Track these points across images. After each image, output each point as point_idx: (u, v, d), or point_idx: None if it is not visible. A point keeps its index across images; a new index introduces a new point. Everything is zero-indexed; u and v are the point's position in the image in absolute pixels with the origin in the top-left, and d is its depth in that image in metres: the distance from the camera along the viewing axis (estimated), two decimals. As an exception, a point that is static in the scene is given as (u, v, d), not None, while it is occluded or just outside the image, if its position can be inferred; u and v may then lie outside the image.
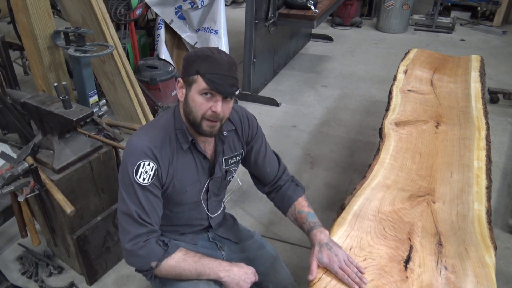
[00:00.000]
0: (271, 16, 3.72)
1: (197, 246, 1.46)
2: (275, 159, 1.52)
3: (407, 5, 5.50)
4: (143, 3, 3.44)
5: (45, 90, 2.55)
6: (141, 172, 1.21)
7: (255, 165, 1.49)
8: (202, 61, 1.16)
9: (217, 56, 1.17)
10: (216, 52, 1.18)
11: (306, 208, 1.43)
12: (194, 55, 1.20)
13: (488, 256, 1.27)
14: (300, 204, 1.45)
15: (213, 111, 1.18)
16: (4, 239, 2.30)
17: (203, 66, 1.16)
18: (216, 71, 1.15)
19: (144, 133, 1.27)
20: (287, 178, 1.52)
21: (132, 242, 1.21)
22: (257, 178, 1.54)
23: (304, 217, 1.41)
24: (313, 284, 1.19)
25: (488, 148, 1.87)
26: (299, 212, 1.43)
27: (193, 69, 1.17)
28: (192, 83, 1.19)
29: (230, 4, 6.97)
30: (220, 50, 1.21)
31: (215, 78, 1.15)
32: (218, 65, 1.16)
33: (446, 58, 2.95)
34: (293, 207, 1.46)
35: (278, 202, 1.51)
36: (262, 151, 1.48)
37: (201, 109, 1.19)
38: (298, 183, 1.53)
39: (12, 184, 1.72)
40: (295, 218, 1.45)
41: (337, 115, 3.66)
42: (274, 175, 1.50)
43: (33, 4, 2.32)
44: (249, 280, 1.30)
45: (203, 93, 1.17)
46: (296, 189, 1.49)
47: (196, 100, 1.19)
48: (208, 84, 1.15)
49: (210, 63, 1.16)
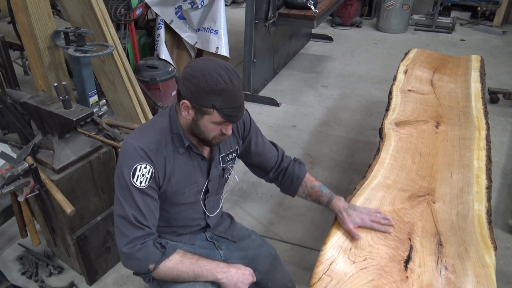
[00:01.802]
0: (271, 16, 3.72)
1: (194, 246, 1.46)
2: (272, 145, 1.57)
3: (407, 5, 5.50)
4: (143, 3, 3.44)
5: (45, 90, 2.55)
6: (138, 175, 1.21)
7: (257, 156, 1.52)
8: (218, 95, 1.13)
9: (231, 87, 1.14)
10: (228, 81, 1.13)
11: (317, 182, 1.53)
12: (206, 86, 1.13)
13: (488, 256, 1.27)
14: (310, 180, 1.53)
15: (224, 133, 1.23)
16: (4, 239, 2.30)
17: (219, 101, 1.14)
18: (232, 104, 1.16)
19: (139, 136, 1.26)
20: (288, 159, 1.58)
21: (129, 245, 1.21)
22: (260, 168, 1.57)
23: (318, 191, 1.50)
24: (313, 284, 1.19)
25: (488, 148, 1.87)
26: (311, 188, 1.51)
27: (208, 102, 1.15)
28: (206, 114, 1.18)
29: (230, 4, 6.97)
30: (228, 71, 1.15)
31: (231, 112, 1.17)
32: (233, 97, 1.16)
33: (446, 58, 2.95)
34: (303, 184, 1.53)
35: (287, 184, 1.55)
36: (260, 141, 1.52)
37: (213, 132, 1.23)
38: (300, 161, 1.58)
39: (12, 184, 1.72)
40: (308, 194, 1.52)
41: (337, 115, 3.66)
42: (276, 159, 1.55)
43: (33, 4, 2.32)
44: (247, 281, 1.30)
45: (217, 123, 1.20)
46: (300, 167, 1.55)
47: (208, 127, 1.21)
48: (225, 118, 1.18)
49: (226, 98, 1.14)
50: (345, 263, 1.25)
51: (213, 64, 1.16)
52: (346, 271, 1.22)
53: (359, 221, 1.38)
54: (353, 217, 1.38)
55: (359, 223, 1.37)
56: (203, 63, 1.17)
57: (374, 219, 1.39)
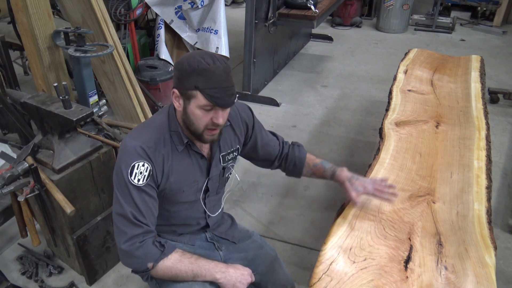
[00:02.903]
0: (271, 16, 3.72)
1: (194, 247, 1.46)
2: (272, 134, 1.61)
3: (407, 5, 5.50)
4: (143, 3, 3.44)
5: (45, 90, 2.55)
6: (135, 173, 1.21)
7: (262, 149, 1.55)
8: (199, 75, 1.13)
9: (213, 68, 1.13)
10: (211, 62, 1.14)
11: (317, 160, 1.58)
12: (188, 67, 1.14)
13: (488, 256, 1.27)
14: (311, 159, 1.59)
15: (215, 122, 1.19)
16: (4, 239, 2.30)
17: (201, 81, 1.13)
18: (215, 85, 1.13)
19: (138, 134, 1.27)
20: (287, 145, 1.63)
21: (128, 243, 1.21)
22: (266, 160, 1.60)
23: (321, 167, 1.55)
24: (313, 284, 1.19)
25: (488, 148, 1.87)
26: (314, 166, 1.57)
27: (190, 83, 1.14)
28: (191, 98, 1.17)
29: (230, 4, 6.97)
30: (213, 56, 1.16)
31: (215, 93, 1.13)
32: (216, 77, 1.13)
33: (446, 58, 2.95)
34: (306, 164, 1.59)
35: (291, 167, 1.61)
36: (264, 135, 1.55)
37: (203, 122, 1.20)
38: (298, 143, 1.64)
39: (12, 184, 1.72)
40: (313, 172, 1.58)
41: (337, 115, 3.66)
42: (278, 148, 1.59)
43: (33, 4, 2.32)
44: (245, 282, 1.29)
45: (204, 108, 1.17)
46: (300, 149, 1.61)
47: (196, 113, 1.19)
48: (209, 100, 1.14)
49: (208, 77, 1.13)
50: (345, 263, 1.25)
51: (200, 51, 1.19)
52: (346, 271, 1.22)
53: (362, 189, 1.43)
54: (356, 186, 1.43)
55: (362, 191, 1.42)
56: (191, 52, 1.22)
57: (378, 187, 1.43)
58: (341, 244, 1.31)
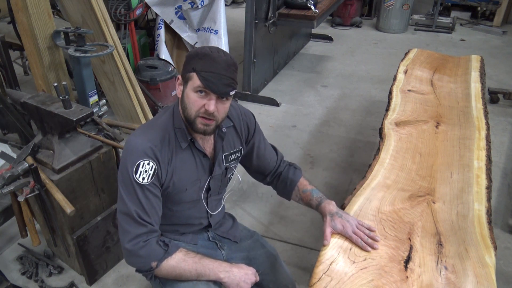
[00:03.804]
0: (271, 16, 3.72)
1: (197, 246, 1.46)
2: (272, 149, 1.58)
3: (407, 5, 5.50)
4: (143, 3, 3.45)
5: (45, 90, 2.55)
6: (140, 171, 1.21)
7: (257, 159, 1.53)
8: (200, 59, 1.17)
9: (215, 55, 1.17)
10: (215, 51, 1.19)
11: (309, 186, 1.51)
12: (193, 53, 1.20)
13: (488, 256, 1.27)
14: (302, 184, 1.52)
15: (206, 109, 1.19)
16: (4, 239, 2.30)
17: (200, 64, 1.17)
18: (211, 69, 1.16)
19: (143, 133, 1.27)
20: (285, 164, 1.59)
21: (132, 242, 1.21)
22: (258, 172, 1.58)
23: (309, 195, 1.48)
24: (313, 284, 1.19)
25: (488, 148, 1.87)
26: (303, 191, 1.50)
27: (190, 66, 1.18)
28: (188, 80, 1.20)
29: (230, 4, 6.97)
30: (220, 50, 1.21)
31: (209, 77, 1.15)
32: (214, 64, 1.16)
33: (446, 58, 2.95)
34: (296, 188, 1.52)
35: (282, 187, 1.57)
36: (262, 145, 1.52)
37: (195, 106, 1.20)
38: (296, 166, 1.59)
39: (12, 184, 1.72)
40: (300, 198, 1.51)
41: (337, 115, 3.66)
42: (274, 164, 1.57)
43: (33, 4, 2.32)
44: (249, 281, 1.29)
45: (198, 90, 1.18)
46: (295, 172, 1.56)
47: (190, 97, 1.20)
48: (202, 81, 1.16)
49: (207, 61, 1.16)
50: (345, 263, 1.25)
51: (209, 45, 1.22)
52: (346, 271, 1.22)
53: (340, 227, 1.32)
54: (336, 223, 1.33)
55: (340, 229, 1.32)
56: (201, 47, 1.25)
57: (356, 231, 1.31)
58: (341, 244, 1.31)
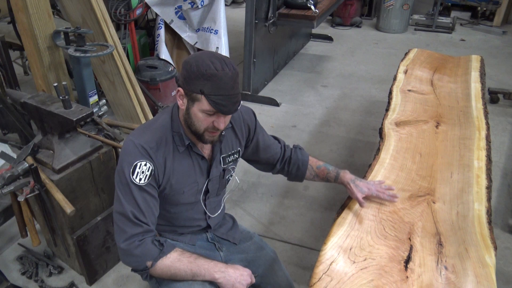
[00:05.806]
0: (271, 16, 3.72)
1: (195, 247, 1.46)
2: (273, 138, 1.61)
3: (407, 5, 5.50)
4: (143, 3, 3.44)
5: (45, 90, 2.55)
6: (137, 172, 1.21)
7: (264, 152, 1.55)
8: (206, 80, 1.12)
9: (221, 74, 1.12)
10: (220, 68, 1.12)
11: (320, 162, 1.61)
12: (196, 70, 1.13)
13: (488, 256, 1.27)
14: (313, 161, 1.61)
15: (216, 126, 1.20)
16: (4, 239, 2.29)
17: (207, 86, 1.12)
18: (221, 92, 1.13)
19: (140, 134, 1.27)
20: (289, 148, 1.63)
21: (127, 242, 1.22)
22: (267, 163, 1.61)
23: (324, 169, 1.58)
24: (313, 284, 1.19)
25: (488, 148, 1.87)
26: (317, 168, 1.60)
27: (196, 87, 1.14)
28: (195, 100, 1.17)
29: (230, 4, 6.97)
30: (223, 61, 1.15)
31: (219, 100, 1.13)
32: (222, 84, 1.13)
33: (446, 58, 2.95)
34: (309, 167, 1.60)
35: (295, 170, 1.61)
36: (266, 138, 1.55)
37: (204, 124, 1.20)
38: (299, 146, 1.65)
39: (12, 184, 1.72)
40: (316, 174, 1.60)
41: (337, 115, 3.66)
42: (280, 151, 1.59)
43: (33, 4, 2.32)
44: (245, 282, 1.29)
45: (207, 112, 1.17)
46: (302, 152, 1.62)
47: (198, 116, 1.19)
48: (213, 106, 1.14)
49: (214, 83, 1.12)
50: (345, 263, 1.25)
51: (210, 53, 1.18)
52: (346, 271, 1.22)
53: (366, 190, 1.48)
54: (361, 187, 1.49)
55: (366, 192, 1.48)
56: (201, 53, 1.20)
57: (379, 189, 1.50)
58: (341, 244, 1.31)
